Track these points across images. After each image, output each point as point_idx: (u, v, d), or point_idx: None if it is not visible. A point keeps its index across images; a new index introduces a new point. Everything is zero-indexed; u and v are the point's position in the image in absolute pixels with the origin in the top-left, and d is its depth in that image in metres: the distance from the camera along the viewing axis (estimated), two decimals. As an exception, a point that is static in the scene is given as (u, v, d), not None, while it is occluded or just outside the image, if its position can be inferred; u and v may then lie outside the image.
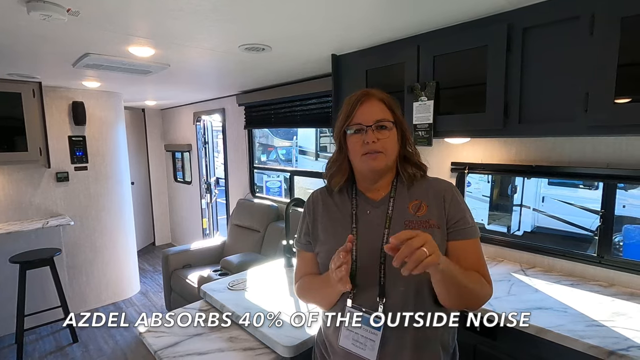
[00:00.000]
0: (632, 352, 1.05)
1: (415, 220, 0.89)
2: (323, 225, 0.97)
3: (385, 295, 0.86)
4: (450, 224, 0.89)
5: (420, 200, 0.91)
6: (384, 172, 0.93)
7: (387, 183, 0.95)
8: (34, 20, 1.40)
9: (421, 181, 0.95)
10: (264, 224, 3.24)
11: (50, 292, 2.98)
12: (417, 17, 1.49)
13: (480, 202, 4.38)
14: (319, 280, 0.95)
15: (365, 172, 0.93)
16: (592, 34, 1.19)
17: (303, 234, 1.01)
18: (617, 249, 3.49)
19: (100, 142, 3.50)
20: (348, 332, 0.89)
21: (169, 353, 1.17)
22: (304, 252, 1.02)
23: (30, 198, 3.16)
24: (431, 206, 0.90)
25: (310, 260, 1.00)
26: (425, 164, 0.97)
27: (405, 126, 0.94)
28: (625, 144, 1.48)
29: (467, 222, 0.90)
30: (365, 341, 0.87)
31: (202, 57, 2.08)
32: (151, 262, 4.82)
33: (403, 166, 0.94)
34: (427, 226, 0.88)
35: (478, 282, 0.85)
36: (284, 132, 7.92)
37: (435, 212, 0.90)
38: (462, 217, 0.90)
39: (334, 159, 0.98)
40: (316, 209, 1.00)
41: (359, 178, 0.96)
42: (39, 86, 2.85)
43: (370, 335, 0.86)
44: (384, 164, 0.90)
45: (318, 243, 0.97)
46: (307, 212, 1.02)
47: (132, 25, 1.55)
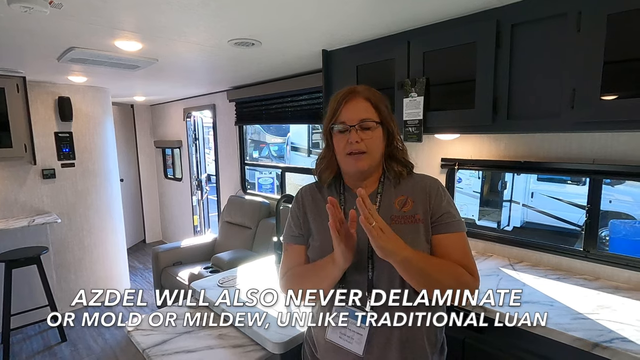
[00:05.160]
0: (615, 344, 1.07)
1: (401, 216, 0.90)
2: (313, 220, 0.97)
3: (373, 290, 0.87)
4: (435, 217, 0.90)
5: (406, 196, 0.92)
6: (369, 172, 0.93)
7: (374, 180, 0.96)
8: (15, 13, 1.36)
9: (408, 178, 0.96)
10: (255, 220, 3.22)
11: (38, 291, 2.93)
12: (408, 12, 1.48)
13: (471, 198, 4.43)
14: (314, 265, 0.93)
15: (352, 172, 0.94)
16: (579, 31, 1.20)
17: (294, 227, 1.00)
18: (603, 243, 3.57)
19: (87, 138, 3.43)
20: (336, 327, 0.90)
21: (157, 351, 1.16)
22: (293, 245, 1.00)
23: (16, 195, 3.10)
24: (417, 202, 0.91)
25: (300, 253, 0.98)
26: (412, 161, 0.97)
27: (392, 124, 0.94)
28: (611, 140, 1.50)
29: (452, 216, 0.91)
30: (352, 335, 0.88)
31: (190, 52, 2.05)
32: (141, 260, 4.78)
33: (389, 164, 0.95)
34: (412, 221, 0.89)
35: (452, 274, 0.84)
36: (276, 129, 7.88)
37: (420, 207, 0.91)
38: (446, 212, 0.90)
39: (322, 155, 0.99)
40: (305, 203, 1.00)
41: (347, 175, 0.97)
42: (23, 81, 2.78)
43: (358, 330, 0.87)
44: (368, 165, 0.90)
45: (310, 237, 0.97)
46: (297, 206, 1.01)
47: (118, 19, 1.51)
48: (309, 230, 0.98)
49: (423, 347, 0.89)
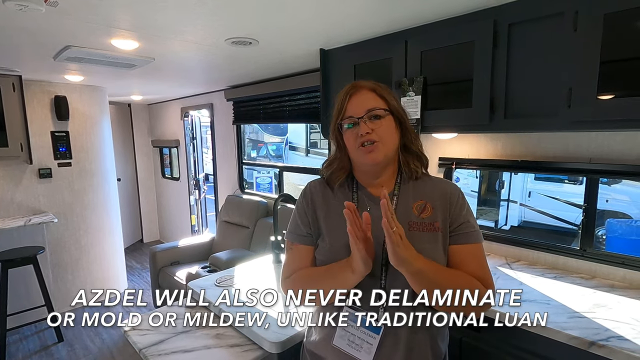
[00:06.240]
0: (611, 342, 1.07)
1: (419, 222, 0.85)
2: (324, 218, 0.91)
3: (386, 297, 0.82)
4: (454, 227, 0.86)
5: (425, 200, 0.87)
6: (384, 165, 0.88)
7: (389, 178, 0.91)
8: (11, 11, 1.35)
9: (426, 180, 0.91)
10: (253, 220, 3.22)
11: (34, 291, 2.91)
12: (405, 11, 1.48)
13: (469, 197, 4.43)
14: (328, 270, 0.86)
15: (365, 166, 0.89)
16: (576, 30, 1.20)
17: (302, 225, 0.93)
18: (600, 242, 3.58)
19: (84, 137, 3.42)
20: (344, 332, 0.85)
21: (154, 351, 1.15)
22: (299, 245, 0.93)
23: (12, 195, 3.08)
24: (436, 208, 0.86)
25: (308, 255, 0.92)
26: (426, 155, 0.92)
27: (402, 113, 0.89)
28: (608, 139, 1.51)
29: (471, 226, 0.86)
30: (361, 343, 0.83)
31: (187, 50, 2.04)
32: (139, 260, 4.76)
33: (405, 157, 0.89)
34: (431, 229, 0.84)
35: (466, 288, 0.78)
36: (274, 128, 7.87)
37: (440, 214, 0.86)
38: (466, 221, 0.86)
39: (333, 157, 0.93)
40: (315, 200, 0.93)
41: (360, 173, 0.92)
42: (19, 80, 2.75)
43: (368, 338, 0.83)
44: (383, 155, 0.85)
45: (320, 237, 0.91)
46: (306, 202, 0.93)
47: (114, 17, 1.50)
48: (319, 229, 0.91)
49: (427, 356, 0.86)
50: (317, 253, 0.91)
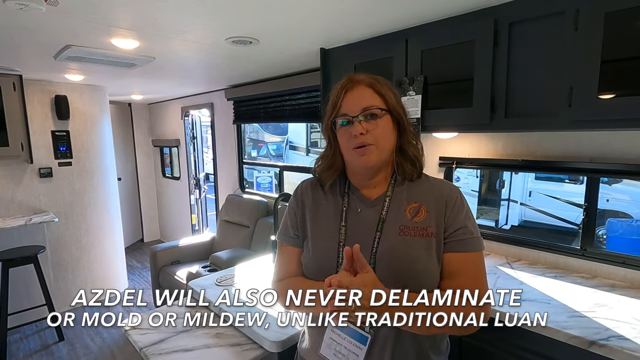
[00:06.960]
0: (612, 341, 1.07)
1: (411, 227, 0.79)
2: (311, 221, 0.88)
3: None
4: (449, 232, 0.79)
5: (419, 203, 0.81)
6: (378, 168, 0.83)
7: (383, 179, 0.85)
8: (11, 10, 1.35)
9: (422, 181, 0.85)
10: (253, 219, 3.22)
11: (35, 290, 2.91)
12: (405, 10, 1.48)
13: (469, 197, 4.43)
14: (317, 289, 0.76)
15: (358, 168, 0.84)
16: (577, 29, 1.19)
17: (290, 227, 0.91)
18: (600, 241, 3.58)
19: (84, 136, 3.42)
20: (331, 342, 0.82)
21: (155, 350, 1.15)
22: (288, 246, 0.91)
23: (13, 194, 3.08)
24: (431, 211, 0.80)
25: (295, 257, 0.90)
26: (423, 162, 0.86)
27: (401, 111, 0.82)
28: (609, 138, 1.51)
29: (469, 232, 0.79)
30: (347, 354, 0.79)
31: (188, 50, 2.04)
32: (139, 259, 4.76)
33: (400, 160, 0.83)
34: (424, 234, 0.78)
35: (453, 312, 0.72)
36: (275, 128, 7.87)
37: (434, 218, 0.79)
38: (463, 226, 0.79)
39: (324, 154, 0.89)
40: (305, 200, 0.90)
41: (353, 173, 0.87)
42: (20, 79, 2.76)
43: (354, 349, 0.79)
44: (376, 159, 0.79)
45: (305, 240, 0.88)
46: (295, 203, 0.91)
47: (115, 16, 1.50)
48: (305, 232, 0.88)
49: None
50: (302, 257, 0.88)
